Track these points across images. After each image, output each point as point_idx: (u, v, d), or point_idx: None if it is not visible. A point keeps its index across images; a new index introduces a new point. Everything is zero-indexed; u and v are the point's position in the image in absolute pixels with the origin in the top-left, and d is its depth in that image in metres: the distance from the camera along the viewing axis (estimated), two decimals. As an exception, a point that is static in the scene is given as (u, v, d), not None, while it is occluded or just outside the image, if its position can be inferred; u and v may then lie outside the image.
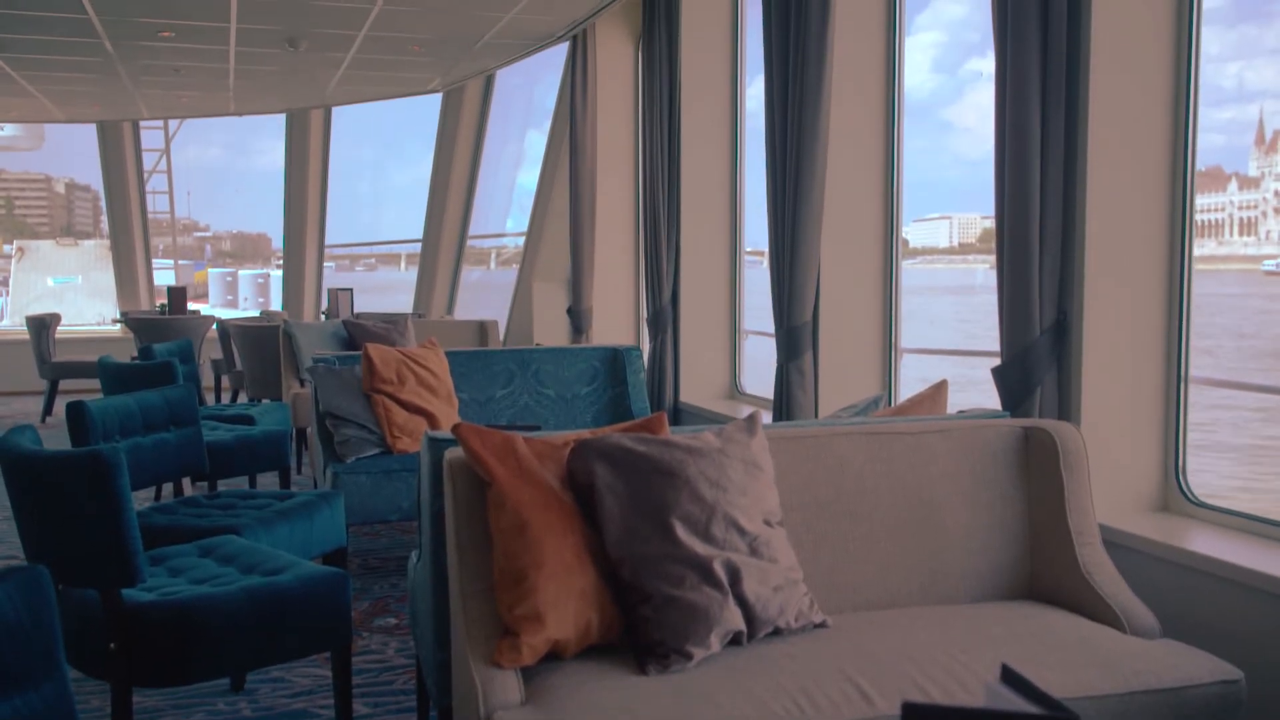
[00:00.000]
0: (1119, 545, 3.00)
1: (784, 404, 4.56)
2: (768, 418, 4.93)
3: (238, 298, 27.62)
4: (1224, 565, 2.79)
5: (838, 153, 4.46)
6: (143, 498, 5.96)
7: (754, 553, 2.39)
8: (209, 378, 10.18)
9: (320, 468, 5.02)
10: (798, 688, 2.16)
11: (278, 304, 14.82)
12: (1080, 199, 3.14)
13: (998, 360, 3.29)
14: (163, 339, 9.33)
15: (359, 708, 3.38)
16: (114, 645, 2.73)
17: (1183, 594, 2.89)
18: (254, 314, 13.62)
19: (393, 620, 4.26)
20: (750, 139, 6.31)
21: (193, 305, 11.81)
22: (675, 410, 6.12)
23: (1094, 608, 2.60)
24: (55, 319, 10.38)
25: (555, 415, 5.24)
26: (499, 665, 2.22)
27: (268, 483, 6.35)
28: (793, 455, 2.70)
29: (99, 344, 11.74)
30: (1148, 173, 3.22)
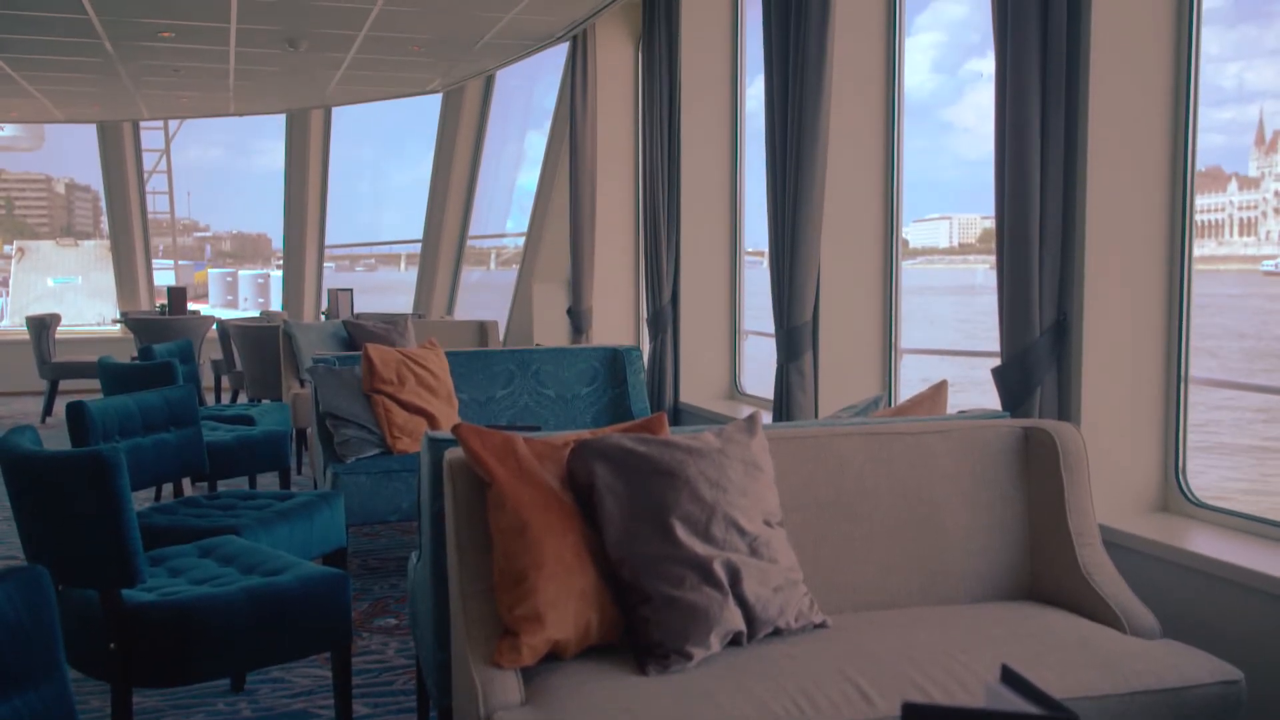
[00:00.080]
0: (1119, 545, 3.00)
1: (784, 404, 4.56)
2: (768, 418, 4.93)
3: (238, 298, 27.66)
4: (1224, 565, 2.79)
5: (838, 153, 4.46)
6: (143, 498, 5.96)
7: (754, 553, 2.39)
8: (209, 378, 10.18)
9: (320, 468, 5.02)
10: (798, 688, 2.16)
11: (278, 304, 14.82)
12: (1080, 199, 3.14)
13: (998, 360, 3.29)
14: (163, 339, 9.34)
15: (359, 708, 3.38)
16: (114, 645, 2.73)
17: (1183, 594, 2.89)
18: (254, 314, 13.63)
19: (393, 620, 4.26)
20: (750, 139, 6.31)
21: (193, 306, 11.81)
22: (675, 410, 6.12)
23: (1094, 608, 2.60)
24: (55, 319, 10.38)
25: (555, 416, 5.24)
26: (499, 665, 2.22)
27: (268, 483, 6.35)
28: (793, 455, 2.70)
29: (99, 344, 11.74)
30: (1148, 173, 3.22)
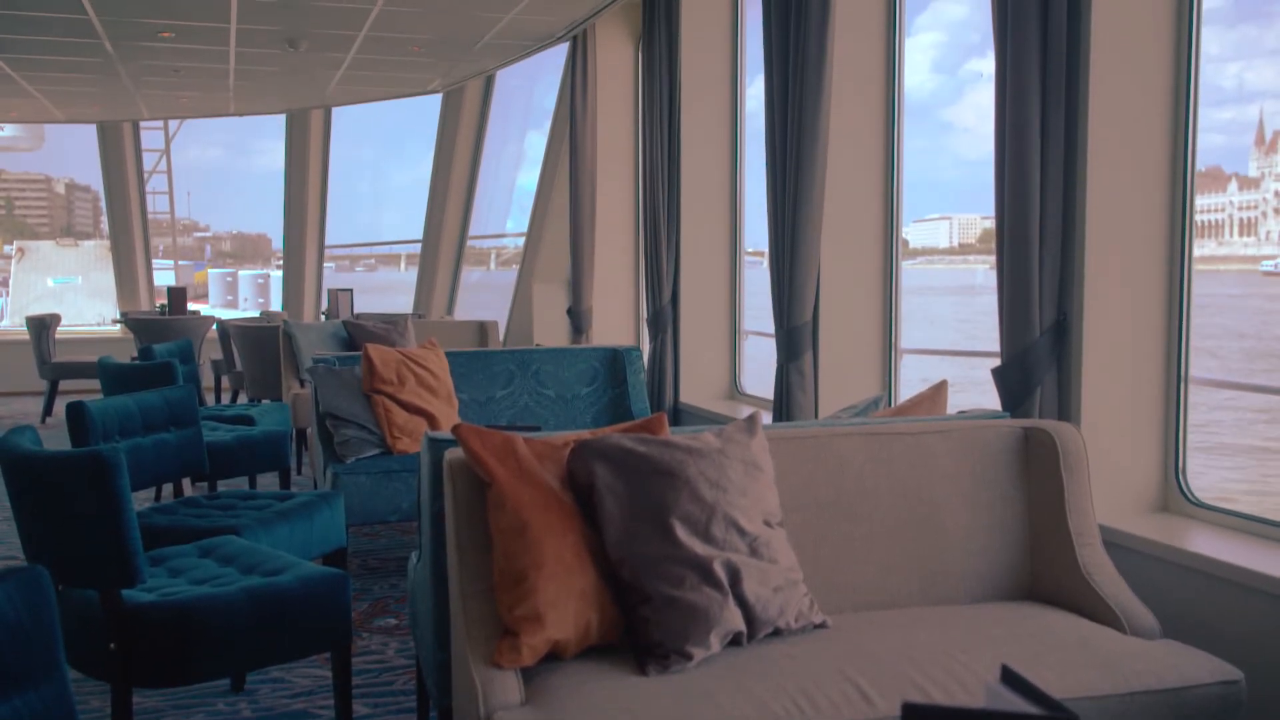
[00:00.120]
0: (1119, 546, 3.00)
1: (784, 404, 4.56)
2: (768, 418, 4.93)
3: (238, 298, 27.66)
4: (1224, 565, 2.79)
5: (838, 153, 4.46)
6: (143, 498, 5.96)
7: (754, 553, 2.39)
8: (209, 378, 10.18)
9: (320, 468, 5.02)
10: (798, 688, 2.16)
11: (278, 304, 14.82)
12: (1080, 199, 3.14)
13: (998, 360, 3.29)
14: (163, 339, 9.34)
15: (359, 708, 3.38)
16: (114, 645, 2.73)
17: (1183, 594, 2.89)
18: (254, 314, 13.63)
19: (393, 620, 4.26)
20: (750, 139, 6.31)
21: (193, 306, 11.81)
22: (675, 411, 6.12)
23: (1094, 608, 2.60)
24: (55, 319, 10.38)
25: (555, 416, 5.24)
26: (499, 665, 2.21)
27: (268, 483, 6.34)
28: (793, 456, 2.70)
29: (99, 344, 11.74)
30: (1148, 173, 3.22)
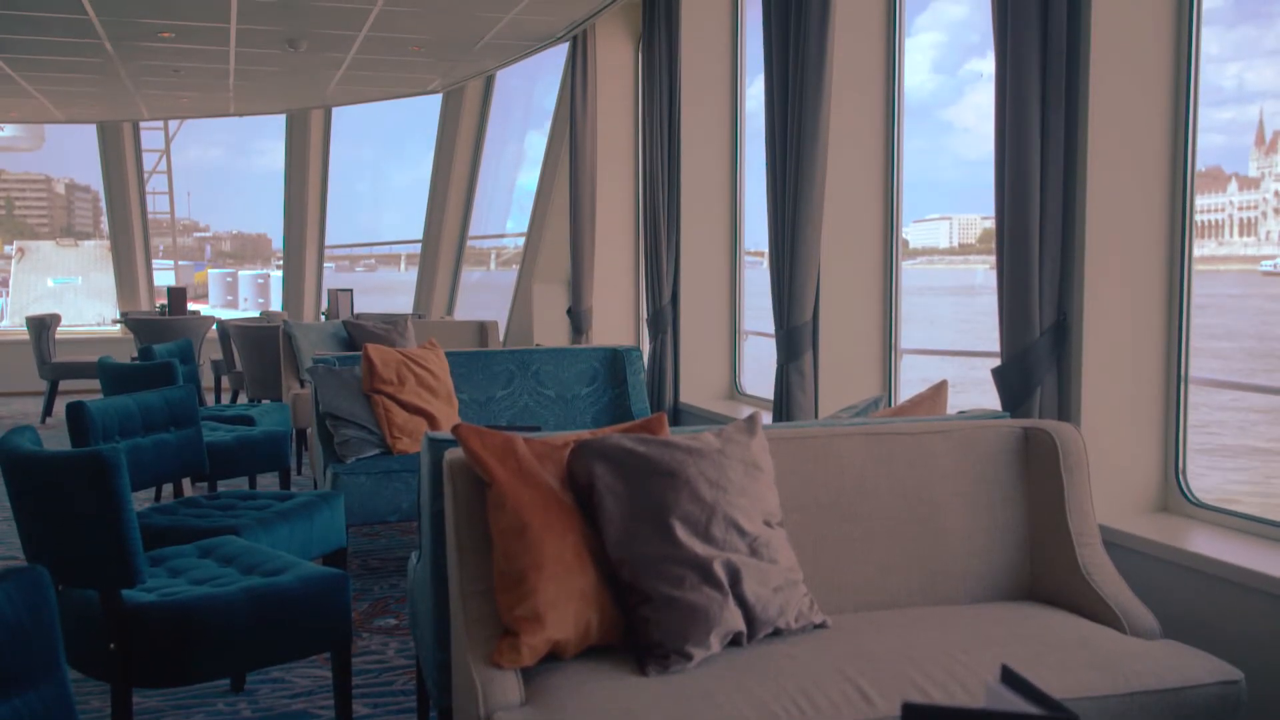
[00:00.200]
0: (1119, 546, 3.00)
1: (784, 405, 4.56)
2: (768, 418, 4.93)
3: (238, 298, 27.68)
4: (1224, 565, 2.79)
5: (838, 153, 4.46)
6: (143, 498, 5.96)
7: (754, 553, 2.39)
8: (209, 378, 10.18)
9: (320, 468, 5.02)
10: (798, 688, 2.16)
11: (278, 304, 14.82)
12: (1080, 199, 3.14)
13: (998, 360, 3.29)
14: (163, 339, 9.34)
15: (359, 708, 3.38)
16: (114, 645, 2.73)
17: (1183, 594, 2.89)
18: (254, 314, 13.64)
19: (393, 620, 4.26)
20: (750, 139, 6.31)
21: (193, 306, 11.81)
22: (675, 411, 6.12)
23: (1094, 608, 2.60)
24: (55, 319, 10.39)
25: (555, 416, 5.24)
26: (499, 666, 2.21)
27: (268, 483, 6.35)
28: (793, 456, 2.70)
29: (99, 344, 11.75)
30: (1148, 173, 3.22)
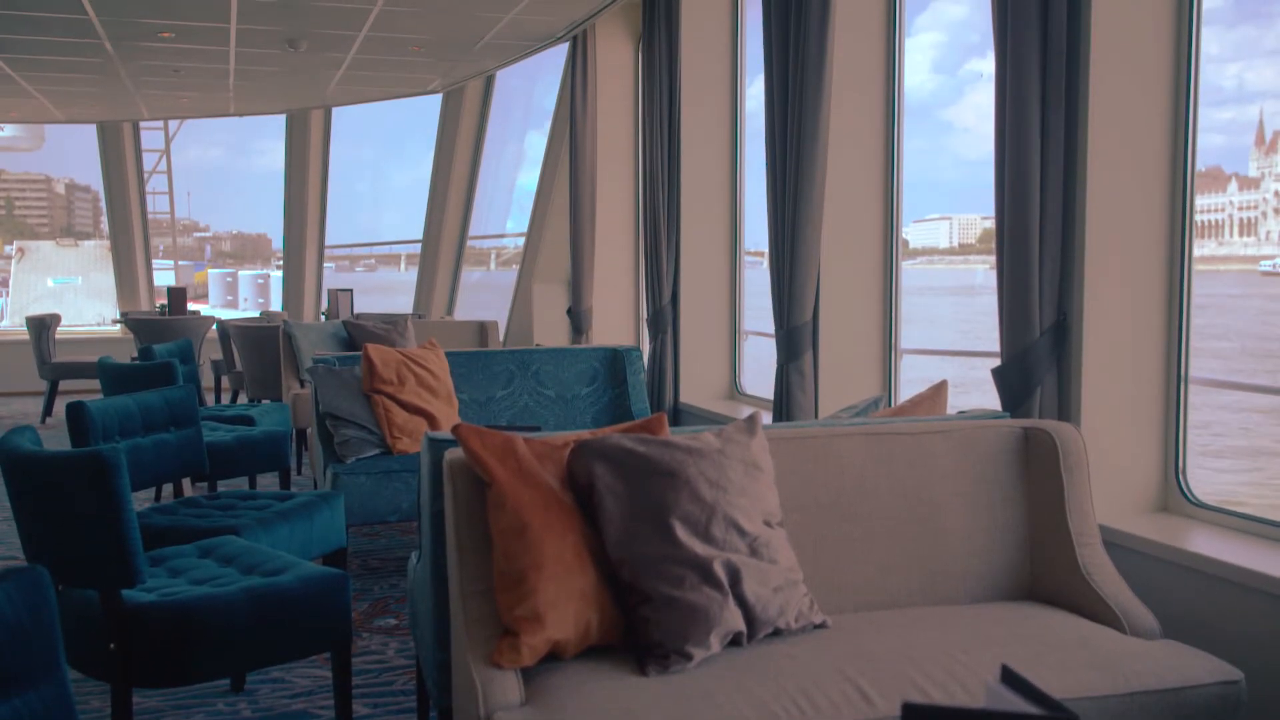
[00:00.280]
0: (1119, 546, 3.00)
1: (784, 405, 4.56)
2: (768, 418, 4.93)
3: (238, 298, 27.68)
4: (1224, 565, 2.79)
5: (838, 153, 4.46)
6: (143, 498, 5.96)
7: (754, 553, 2.39)
8: (209, 378, 10.18)
9: (320, 468, 5.02)
10: (798, 688, 2.16)
11: (278, 304, 14.82)
12: (1080, 199, 3.14)
13: (998, 360, 3.29)
14: (163, 339, 9.34)
15: (359, 708, 3.38)
16: (114, 645, 2.73)
17: (1183, 594, 2.89)
18: (254, 314, 13.64)
19: (393, 620, 4.26)
20: (750, 139, 6.31)
21: (193, 306, 11.81)
22: (675, 411, 6.12)
23: (1094, 608, 2.60)
24: (55, 319, 10.39)
25: (555, 416, 5.23)
26: (499, 666, 2.21)
27: (268, 483, 6.35)
28: (793, 456, 2.70)
29: (99, 344, 11.75)
30: (1148, 173, 3.22)
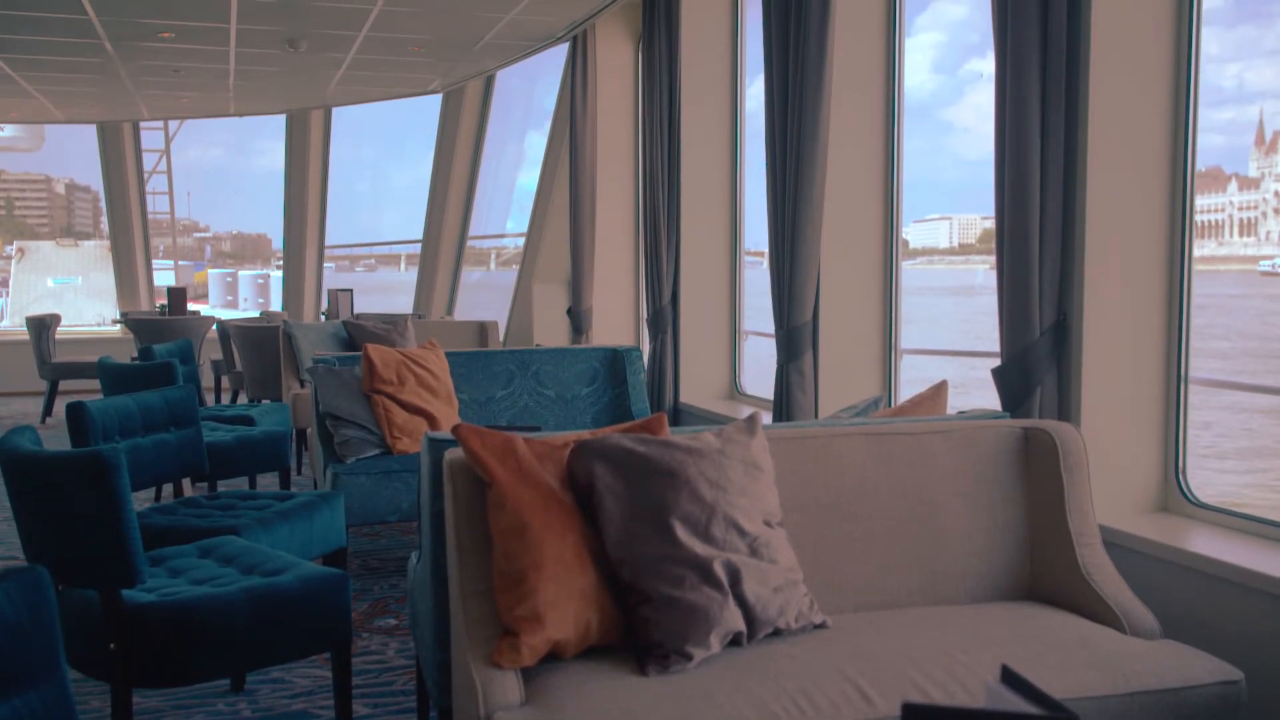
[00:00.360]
0: (1119, 546, 3.00)
1: (784, 405, 4.56)
2: (768, 418, 4.93)
3: (238, 298, 27.67)
4: (1224, 566, 2.79)
5: (838, 153, 4.46)
6: (143, 498, 5.96)
7: (754, 553, 2.39)
8: (209, 378, 10.18)
9: (320, 468, 5.02)
10: (798, 688, 2.16)
11: (278, 304, 14.82)
12: (1080, 199, 3.14)
13: (998, 360, 3.29)
14: (163, 340, 9.34)
15: (359, 708, 3.38)
16: (114, 645, 2.73)
17: (1183, 594, 2.89)
18: (254, 314, 13.63)
19: (393, 620, 4.26)
20: (750, 139, 6.31)
21: (193, 306, 11.81)
22: (675, 411, 6.12)
23: (1094, 608, 2.60)
24: (55, 319, 10.39)
25: (555, 416, 5.23)
26: (499, 666, 2.21)
27: (268, 483, 6.35)
28: (793, 456, 2.70)
29: (99, 345, 11.75)
30: (1148, 173, 3.22)
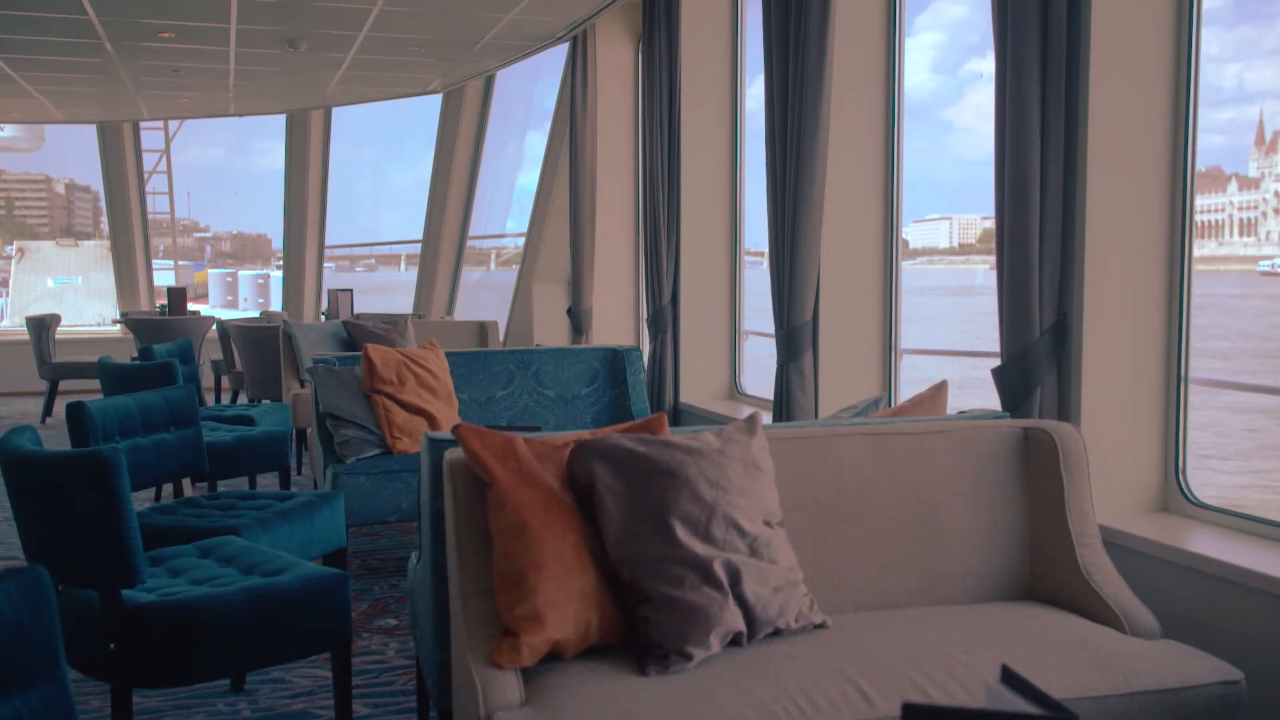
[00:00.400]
0: (1119, 546, 3.00)
1: (784, 405, 4.56)
2: (768, 418, 4.93)
3: (238, 298, 27.67)
4: (1224, 566, 2.79)
5: (838, 153, 4.46)
6: (143, 498, 5.96)
7: (754, 553, 2.39)
8: (209, 378, 10.18)
9: (320, 468, 5.02)
10: (798, 688, 2.16)
11: (278, 304, 14.82)
12: (1080, 199, 3.14)
13: (998, 360, 3.29)
14: (163, 340, 9.34)
15: (359, 708, 3.38)
16: (114, 645, 2.73)
17: (1183, 594, 2.89)
18: (254, 314, 13.63)
19: (393, 620, 4.26)
20: (750, 139, 6.31)
21: (193, 306, 11.82)
22: (675, 411, 6.12)
23: (1094, 608, 2.60)
24: (55, 319, 10.38)
25: (555, 416, 5.23)
26: (499, 666, 2.21)
27: (268, 483, 6.35)
28: (793, 456, 2.70)
29: (99, 345, 11.75)
30: (1148, 173, 3.22)
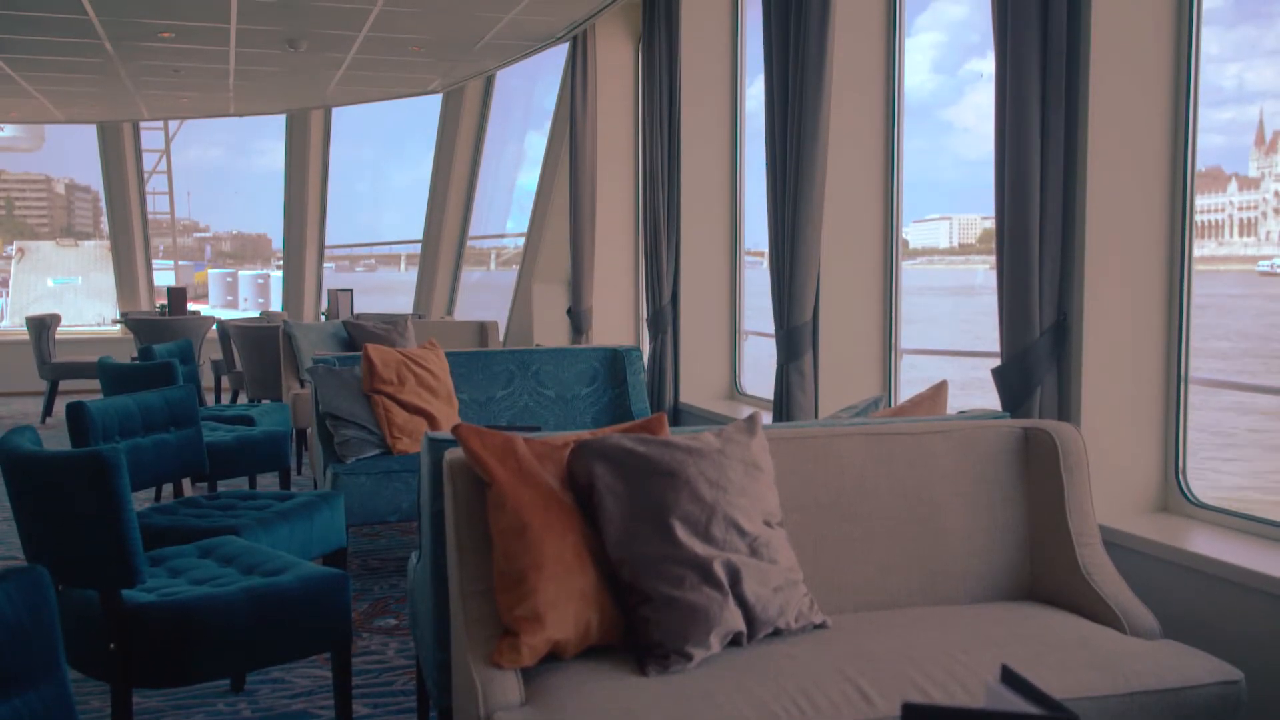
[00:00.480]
0: (1119, 546, 3.00)
1: (784, 405, 4.56)
2: (768, 418, 4.93)
3: (238, 298, 27.67)
4: (1224, 566, 2.79)
5: (838, 153, 4.46)
6: (143, 498, 5.96)
7: (754, 553, 2.39)
8: (209, 378, 10.18)
9: (320, 468, 5.02)
10: (798, 688, 2.16)
11: (278, 304, 14.82)
12: (1080, 199, 3.14)
13: (998, 360, 3.29)
14: (163, 340, 9.34)
15: (359, 708, 3.38)
16: (114, 645, 2.73)
17: (1183, 594, 2.89)
18: (254, 314, 13.63)
19: (393, 620, 4.26)
20: (750, 139, 6.31)
21: (193, 306, 11.82)
22: (675, 411, 6.12)
23: (1094, 608, 2.60)
24: (55, 319, 10.39)
25: (555, 416, 5.23)
26: (499, 666, 2.21)
27: (268, 483, 6.35)
28: (793, 456, 2.70)
29: (99, 345, 11.75)
30: (1148, 173, 3.22)
